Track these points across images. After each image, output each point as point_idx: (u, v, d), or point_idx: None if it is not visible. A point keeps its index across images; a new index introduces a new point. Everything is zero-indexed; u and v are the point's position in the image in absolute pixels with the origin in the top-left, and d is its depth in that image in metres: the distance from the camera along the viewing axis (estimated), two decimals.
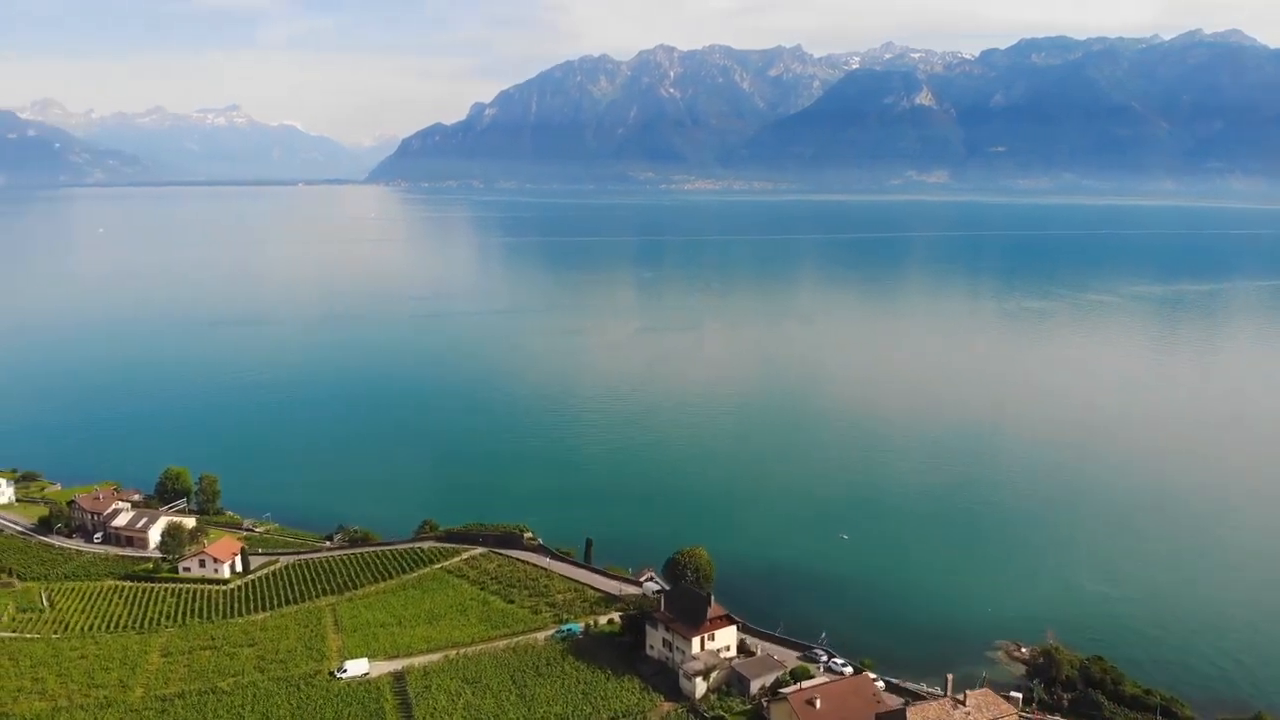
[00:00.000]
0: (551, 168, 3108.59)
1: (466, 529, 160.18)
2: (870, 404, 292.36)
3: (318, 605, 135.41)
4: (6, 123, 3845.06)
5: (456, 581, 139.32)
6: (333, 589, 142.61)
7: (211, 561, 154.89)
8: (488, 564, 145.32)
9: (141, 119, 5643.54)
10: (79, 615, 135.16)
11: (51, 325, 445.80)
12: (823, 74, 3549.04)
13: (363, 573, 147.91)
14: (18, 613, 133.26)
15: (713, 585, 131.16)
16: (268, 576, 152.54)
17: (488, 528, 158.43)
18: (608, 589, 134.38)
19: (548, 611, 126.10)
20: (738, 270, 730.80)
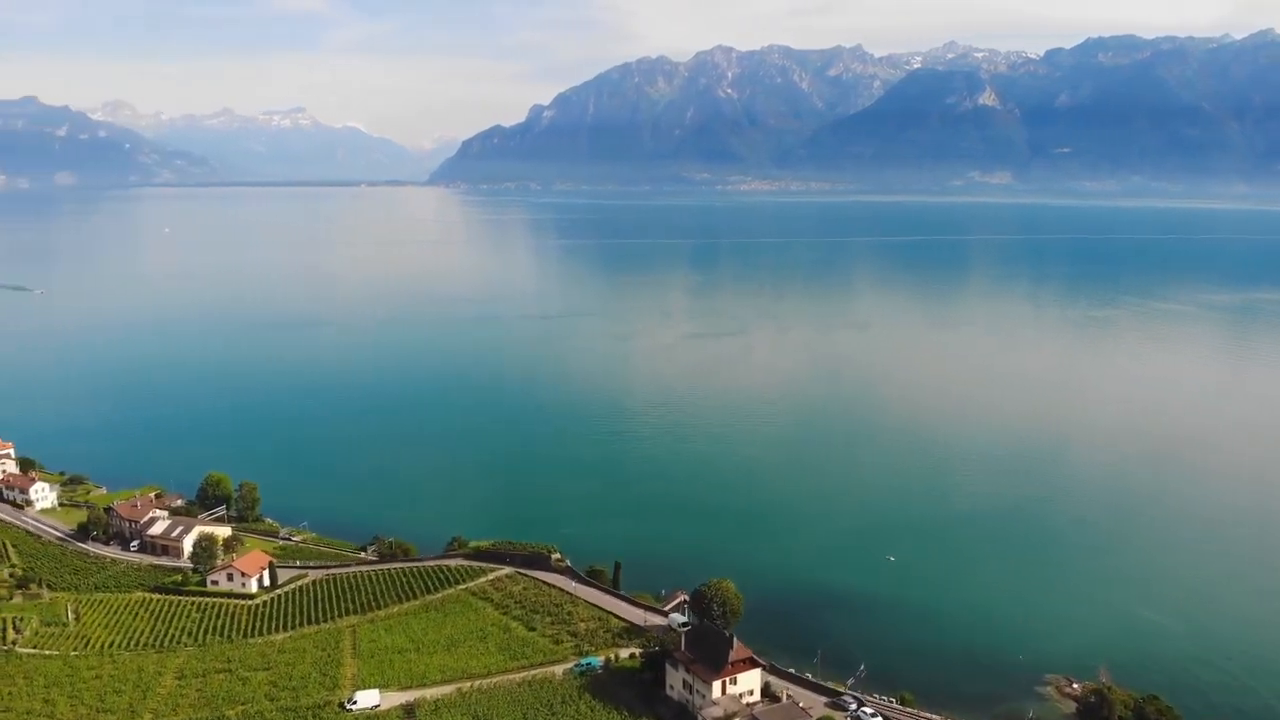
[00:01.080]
0: (607, 169, 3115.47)
1: (495, 547, 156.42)
2: (923, 417, 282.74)
3: (338, 626, 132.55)
4: (78, 124, 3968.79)
5: (480, 604, 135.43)
6: (356, 608, 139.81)
7: (239, 575, 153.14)
8: (513, 586, 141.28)
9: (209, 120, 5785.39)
10: (102, 631, 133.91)
11: (109, 325, 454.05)
12: (884, 74, 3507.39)
13: (387, 591, 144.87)
14: (42, 626, 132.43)
15: (739, 620, 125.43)
16: (294, 592, 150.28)
17: (516, 547, 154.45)
18: (632, 618, 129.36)
19: (569, 642, 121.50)
20: (790, 274, 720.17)
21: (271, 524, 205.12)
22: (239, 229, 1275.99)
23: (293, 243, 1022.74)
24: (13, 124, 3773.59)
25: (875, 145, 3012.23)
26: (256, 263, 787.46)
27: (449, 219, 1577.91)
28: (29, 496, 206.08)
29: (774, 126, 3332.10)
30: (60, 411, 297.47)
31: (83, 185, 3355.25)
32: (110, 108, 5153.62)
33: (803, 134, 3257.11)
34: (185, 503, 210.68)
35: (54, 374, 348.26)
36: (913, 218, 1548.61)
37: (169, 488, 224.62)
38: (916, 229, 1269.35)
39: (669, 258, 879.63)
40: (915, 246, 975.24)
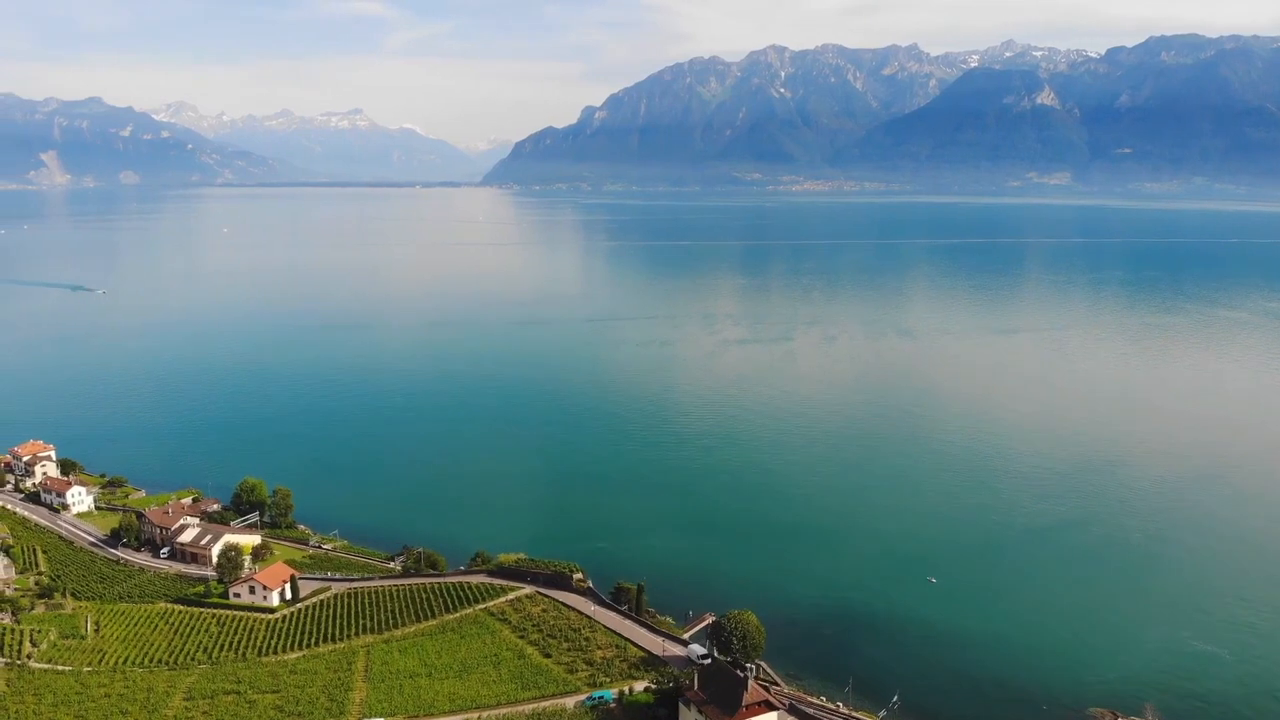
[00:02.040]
0: (658, 169, 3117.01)
1: (518, 564, 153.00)
2: (971, 430, 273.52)
3: (353, 645, 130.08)
4: (143, 124, 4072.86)
5: (497, 626, 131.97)
6: (373, 626, 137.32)
7: (261, 588, 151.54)
8: (533, 607, 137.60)
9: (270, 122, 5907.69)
10: (118, 645, 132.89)
11: (162, 326, 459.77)
12: (939, 73, 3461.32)
13: (406, 609, 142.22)
14: (60, 639, 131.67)
15: (761, 653, 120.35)
16: (315, 606, 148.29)
17: (539, 565, 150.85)
18: (651, 647, 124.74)
19: (584, 671, 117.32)
20: (839, 278, 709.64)
21: (305, 531, 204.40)
22: (294, 229, 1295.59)
23: (345, 243, 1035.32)
24: (79, 124, 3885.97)
25: (930, 145, 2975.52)
26: (308, 263, 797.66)
27: (499, 220, 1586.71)
28: (65, 500, 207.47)
29: (827, 126, 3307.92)
30: (106, 413, 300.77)
31: (146, 184, 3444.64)
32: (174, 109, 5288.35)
33: (856, 134, 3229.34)
34: (221, 508, 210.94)
35: (104, 375, 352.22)
36: (968, 219, 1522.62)
37: (207, 491, 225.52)
38: (972, 231, 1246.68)
39: (716, 260, 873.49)
40: (970, 250, 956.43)
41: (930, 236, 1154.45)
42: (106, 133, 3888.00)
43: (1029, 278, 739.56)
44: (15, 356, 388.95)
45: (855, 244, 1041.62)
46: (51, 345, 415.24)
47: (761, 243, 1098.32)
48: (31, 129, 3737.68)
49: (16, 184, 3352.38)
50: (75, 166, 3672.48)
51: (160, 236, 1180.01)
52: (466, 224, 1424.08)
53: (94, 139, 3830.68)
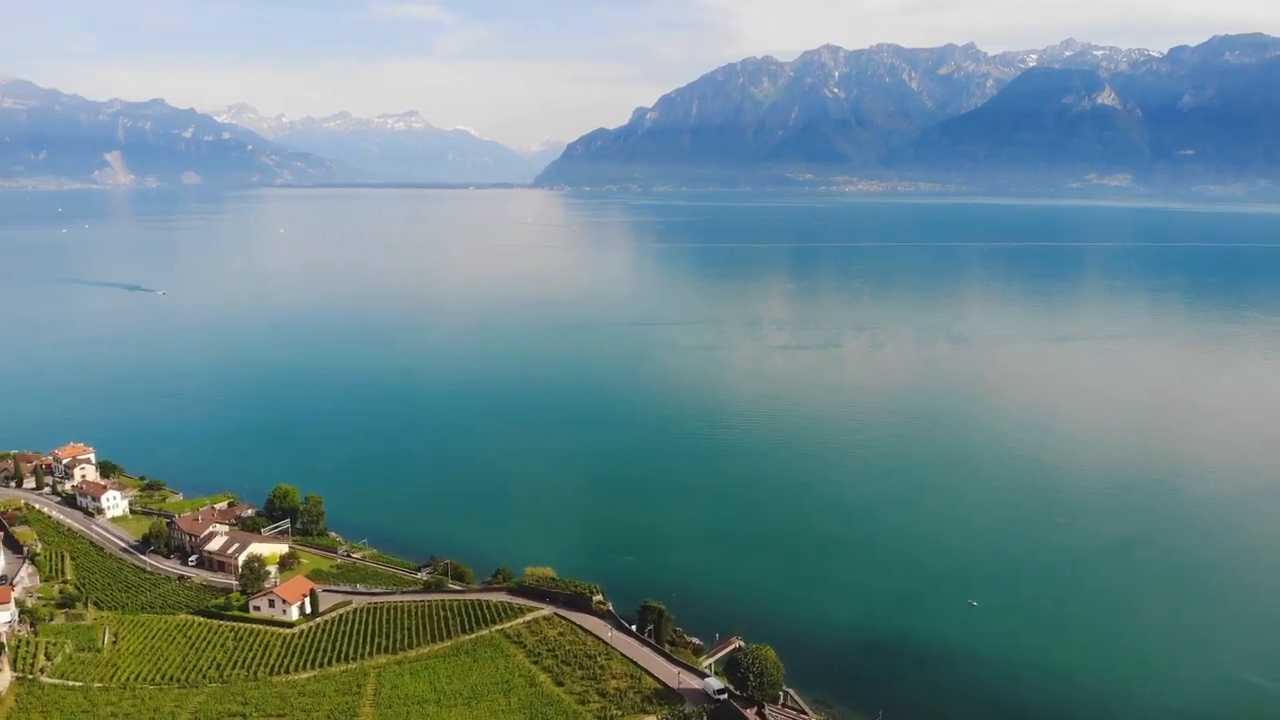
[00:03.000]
0: (709, 170, 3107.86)
1: (538, 583, 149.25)
2: (1023, 444, 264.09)
3: (365, 666, 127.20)
4: (205, 126, 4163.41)
5: (512, 650, 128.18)
6: (389, 645, 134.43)
7: (280, 602, 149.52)
8: (549, 630, 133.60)
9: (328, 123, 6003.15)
10: (133, 659, 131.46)
11: (214, 329, 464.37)
12: (997, 72, 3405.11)
13: (423, 628, 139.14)
14: (75, 651, 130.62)
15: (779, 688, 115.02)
16: (332, 622, 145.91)
17: (559, 585, 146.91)
18: (667, 678, 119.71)
19: (595, 702, 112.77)
20: (890, 281, 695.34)
21: (335, 539, 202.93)
22: (348, 230, 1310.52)
23: (397, 244, 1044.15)
24: (142, 125, 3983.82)
25: (987, 146, 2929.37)
26: (359, 264, 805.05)
27: (548, 221, 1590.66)
28: (100, 504, 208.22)
29: (882, 126, 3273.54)
30: (150, 414, 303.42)
31: (207, 185, 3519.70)
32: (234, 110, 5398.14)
33: (911, 134, 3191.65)
34: (255, 513, 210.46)
35: (153, 377, 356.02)
36: (1026, 222, 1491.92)
37: (242, 496, 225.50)
38: (1029, 234, 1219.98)
39: (764, 262, 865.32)
40: (1027, 253, 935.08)
41: (986, 239, 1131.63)
42: (169, 134, 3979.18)
43: (1086, 283, 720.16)
44: (70, 357, 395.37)
45: (908, 246, 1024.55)
46: (107, 345, 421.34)
47: (812, 244, 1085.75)
48: (96, 130, 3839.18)
49: (82, 183, 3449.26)
50: (139, 167, 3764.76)
51: (220, 237, 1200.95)
52: (515, 225, 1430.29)
53: (157, 140, 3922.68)
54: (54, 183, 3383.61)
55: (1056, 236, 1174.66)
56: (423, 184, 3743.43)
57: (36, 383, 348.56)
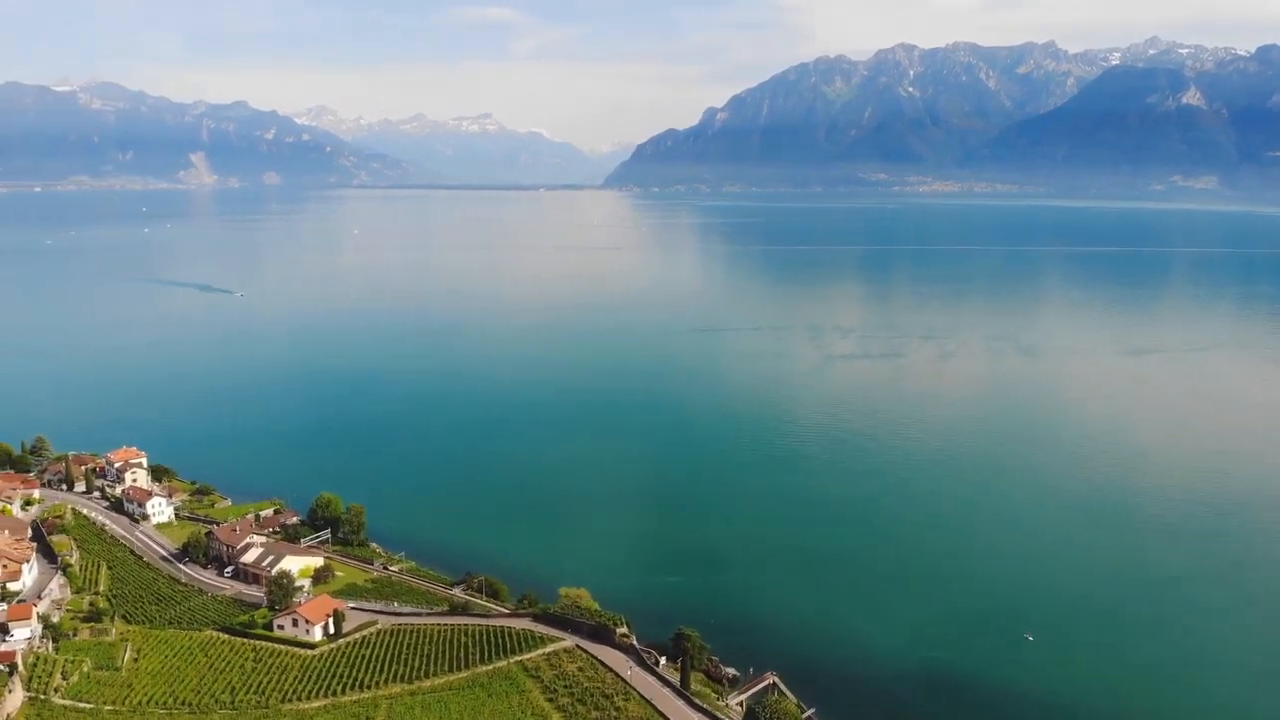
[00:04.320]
0: (780, 170, 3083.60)
1: (563, 610, 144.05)
2: (1090, 463, 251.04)
3: (377, 697, 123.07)
4: (285, 127, 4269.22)
5: (528, 685, 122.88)
6: (405, 673, 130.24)
7: (304, 622, 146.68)
8: (569, 664, 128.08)
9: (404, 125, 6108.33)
10: (150, 680, 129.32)
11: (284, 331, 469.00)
12: (1078, 71, 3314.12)
13: (442, 655, 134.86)
14: (93, 670, 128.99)
15: None
16: (354, 644, 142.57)
17: (583, 614, 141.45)
18: None
19: None
20: (963, 287, 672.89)
21: (375, 549, 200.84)
22: (420, 232, 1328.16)
23: (465, 246, 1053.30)
24: (225, 126, 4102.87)
25: (1067, 146, 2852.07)
26: (427, 265, 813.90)
27: (614, 222, 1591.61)
28: (146, 510, 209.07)
29: (958, 126, 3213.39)
30: (208, 418, 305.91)
31: (287, 185, 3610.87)
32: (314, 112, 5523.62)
33: (989, 134, 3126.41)
34: (299, 522, 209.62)
35: (217, 379, 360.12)
36: (1107, 225, 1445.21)
37: (289, 503, 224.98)
38: (1111, 238, 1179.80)
39: (832, 266, 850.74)
40: (1106, 259, 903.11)
41: (1064, 243, 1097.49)
42: (251, 135, 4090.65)
43: (1169, 291, 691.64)
44: (138, 358, 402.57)
45: (983, 250, 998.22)
46: (178, 347, 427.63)
47: (882, 247, 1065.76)
48: (181, 131, 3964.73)
49: (167, 183, 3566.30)
50: (221, 167, 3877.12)
51: (298, 237, 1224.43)
52: (581, 227, 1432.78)
53: (239, 141, 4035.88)
54: (140, 182, 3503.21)
55: (1138, 241, 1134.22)
56: (495, 185, 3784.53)
57: (101, 383, 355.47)
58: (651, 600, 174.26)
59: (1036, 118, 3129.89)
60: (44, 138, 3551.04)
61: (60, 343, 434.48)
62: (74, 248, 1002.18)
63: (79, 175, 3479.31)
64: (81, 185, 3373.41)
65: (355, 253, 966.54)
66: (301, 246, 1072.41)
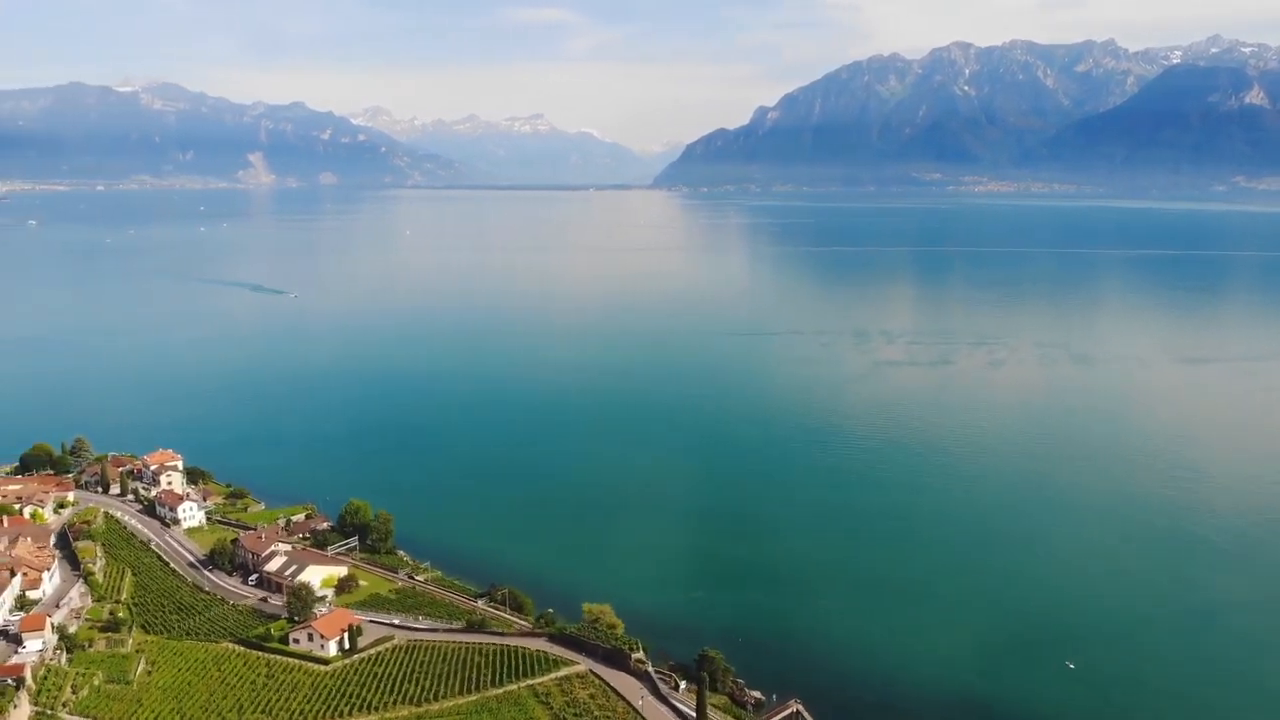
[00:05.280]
0: (831, 170, 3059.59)
1: (579, 632, 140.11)
2: (1142, 478, 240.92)
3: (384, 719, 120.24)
4: (341, 128, 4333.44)
5: (538, 711, 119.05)
6: (415, 694, 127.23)
7: (319, 636, 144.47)
8: (580, 690, 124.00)
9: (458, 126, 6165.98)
10: (159, 695, 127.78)
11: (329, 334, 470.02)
12: (1138, 69, 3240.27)
13: (454, 675, 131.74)
14: (104, 684, 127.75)
15: None
16: (368, 661, 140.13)
17: (600, 636, 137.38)
18: None
19: None
20: (1017, 291, 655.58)
21: (403, 556, 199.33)
22: (470, 233, 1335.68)
23: (513, 247, 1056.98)
24: (283, 127, 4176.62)
25: (1127, 146, 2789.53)
26: (475, 266, 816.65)
27: (661, 223, 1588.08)
28: (176, 515, 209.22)
29: (1014, 125, 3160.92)
30: (247, 420, 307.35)
31: (343, 185, 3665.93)
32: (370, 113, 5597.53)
33: (1046, 133, 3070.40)
34: (329, 528, 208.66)
35: (261, 381, 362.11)
36: (1167, 227, 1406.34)
37: (320, 507, 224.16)
38: (1170, 240, 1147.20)
39: (882, 267, 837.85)
40: (1166, 262, 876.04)
41: (1123, 246, 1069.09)
42: (308, 135, 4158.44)
43: (1231, 296, 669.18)
44: (184, 358, 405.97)
45: (1038, 252, 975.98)
46: (226, 347, 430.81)
47: (935, 249, 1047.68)
48: (240, 131, 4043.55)
49: (226, 183, 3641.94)
50: (279, 167, 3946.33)
51: (352, 238, 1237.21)
52: (628, 228, 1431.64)
53: (297, 141, 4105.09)
54: (200, 182, 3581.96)
55: (1199, 244, 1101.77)
56: (545, 185, 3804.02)
57: (146, 383, 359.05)
58: (678, 617, 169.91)
59: (1095, 117, 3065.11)
60: (106, 137, 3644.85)
61: (108, 343, 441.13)
62: (131, 246, 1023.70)
63: (140, 174, 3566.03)
64: (143, 184, 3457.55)
65: (406, 253, 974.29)
66: (355, 247, 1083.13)
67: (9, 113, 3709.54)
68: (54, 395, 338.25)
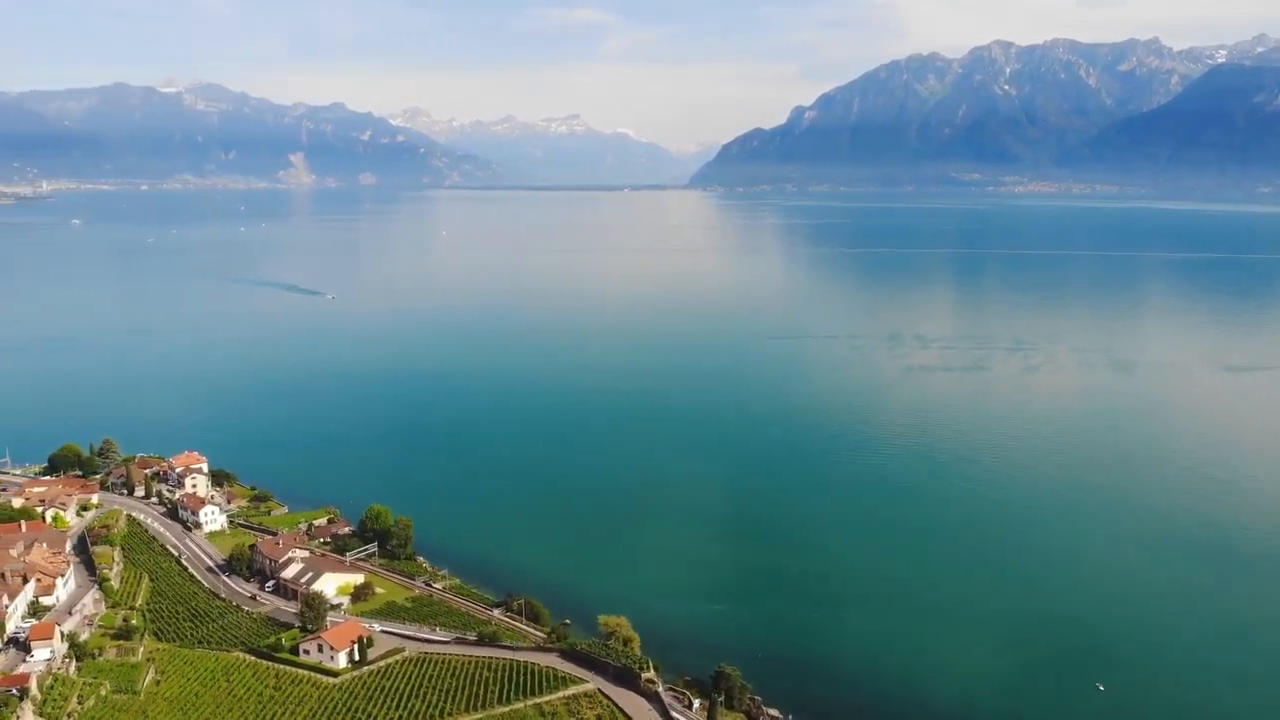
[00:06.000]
0: (869, 170, 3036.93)
1: (590, 648, 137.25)
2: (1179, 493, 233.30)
3: None
4: (380, 128, 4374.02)
5: None
6: (422, 710, 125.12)
7: (328, 648, 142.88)
8: (588, 710, 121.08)
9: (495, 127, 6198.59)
10: (165, 707, 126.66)
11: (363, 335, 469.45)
12: (1182, 69, 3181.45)
13: (462, 691, 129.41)
14: (110, 694, 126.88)
15: None
16: (376, 674, 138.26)
17: (611, 654, 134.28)
18: None
19: None
20: (1056, 295, 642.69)
21: (422, 563, 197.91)
22: (505, 233, 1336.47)
23: (547, 248, 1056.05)
24: (323, 128, 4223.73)
25: (1171, 147, 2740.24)
26: (508, 268, 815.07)
27: (696, 224, 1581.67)
28: (198, 519, 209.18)
29: (1056, 125, 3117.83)
30: (275, 421, 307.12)
31: (382, 185, 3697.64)
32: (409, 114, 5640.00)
33: (1088, 133, 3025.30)
34: (350, 532, 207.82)
35: (291, 382, 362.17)
36: (1213, 229, 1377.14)
37: (343, 511, 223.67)
38: (1217, 243, 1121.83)
39: (918, 269, 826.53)
40: (1210, 265, 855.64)
41: (1167, 248, 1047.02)
42: (348, 136, 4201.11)
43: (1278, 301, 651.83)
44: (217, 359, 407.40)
45: (1079, 254, 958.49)
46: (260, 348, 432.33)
47: (973, 251, 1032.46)
48: (282, 132, 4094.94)
49: (268, 183, 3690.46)
50: (319, 167, 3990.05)
51: (389, 238, 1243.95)
52: (662, 229, 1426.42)
53: (337, 142, 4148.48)
54: (242, 182, 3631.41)
55: (1245, 247, 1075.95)
56: (581, 186, 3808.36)
57: (176, 384, 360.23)
58: (698, 629, 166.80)
59: (1139, 117, 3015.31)
60: (150, 137, 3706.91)
61: (142, 342, 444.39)
62: (172, 246, 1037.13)
63: (184, 174, 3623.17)
64: (186, 184, 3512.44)
65: (442, 253, 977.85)
66: (391, 248, 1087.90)
67: (55, 113, 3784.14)
68: (86, 395, 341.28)
